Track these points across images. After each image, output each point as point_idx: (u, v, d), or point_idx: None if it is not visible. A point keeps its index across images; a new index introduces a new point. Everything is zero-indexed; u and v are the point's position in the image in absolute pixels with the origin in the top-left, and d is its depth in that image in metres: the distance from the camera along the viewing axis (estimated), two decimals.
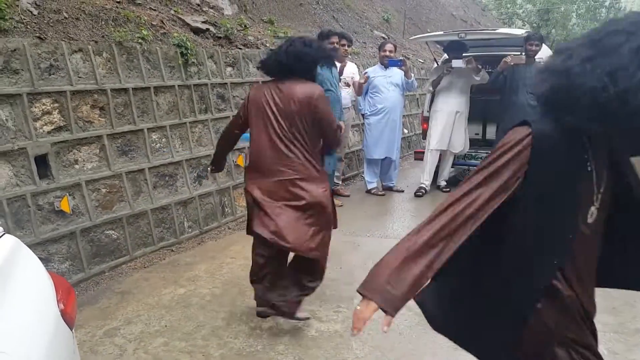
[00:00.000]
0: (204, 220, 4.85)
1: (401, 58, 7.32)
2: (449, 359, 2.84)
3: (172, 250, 4.45)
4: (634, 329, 3.25)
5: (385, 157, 6.36)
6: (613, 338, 3.12)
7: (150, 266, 4.15)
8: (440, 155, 6.50)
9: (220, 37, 5.64)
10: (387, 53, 6.17)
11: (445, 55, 6.81)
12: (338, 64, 5.78)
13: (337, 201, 5.88)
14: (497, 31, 7.18)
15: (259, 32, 6.70)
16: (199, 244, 4.62)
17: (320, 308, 3.41)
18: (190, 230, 4.71)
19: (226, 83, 5.33)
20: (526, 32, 6.42)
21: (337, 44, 5.43)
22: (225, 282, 3.79)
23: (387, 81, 6.21)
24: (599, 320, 3.23)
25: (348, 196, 6.27)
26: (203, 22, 5.66)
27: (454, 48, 6.36)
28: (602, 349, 2.91)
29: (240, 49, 5.72)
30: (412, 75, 6.46)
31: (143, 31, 4.61)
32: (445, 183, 6.70)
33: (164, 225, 4.50)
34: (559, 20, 42.26)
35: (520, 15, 43.07)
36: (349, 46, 6.05)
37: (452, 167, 6.78)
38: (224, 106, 5.28)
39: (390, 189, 6.51)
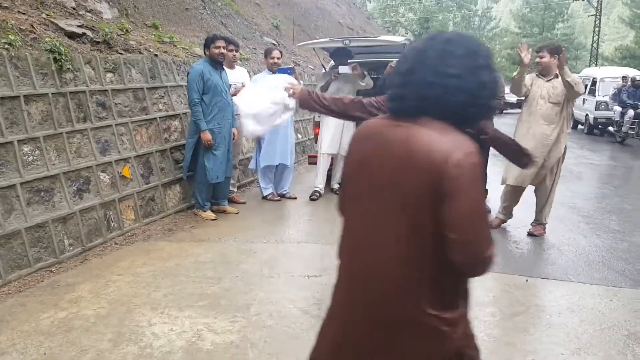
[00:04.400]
0: (87, 237, 4.53)
1: (290, 66, 7.39)
2: None
3: (52, 271, 4.10)
4: (510, 314, 3.52)
5: (279, 164, 6.36)
6: (492, 323, 3.36)
7: (27, 290, 3.79)
8: (332, 158, 6.65)
9: (98, 42, 5.32)
10: (275, 60, 6.19)
11: (333, 62, 6.98)
12: (228, 70, 5.71)
13: (232, 209, 5.81)
14: (378, 38, 7.51)
15: (142, 36, 6.42)
16: (82, 263, 4.30)
17: (215, 320, 3.31)
18: (71, 248, 4.37)
19: (107, 90, 5.03)
20: (406, 39, 6.76)
21: (223, 48, 5.35)
22: (111, 302, 3.56)
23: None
24: (480, 308, 3.47)
25: (244, 203, 6.20)
26: (79, 26, 5.31)
27: (340, 54, 6.55)
28: (482, 335, 3.13)
29: (121, 54, 5.44)
30: (301, 82, 6.54)
31: (10, 36, 4.22)
32: (338, 186, 6.83)
33: (41, 244, 4.14)
34: (437, 28, 45.34)
35: (403, 23, 45.63)
36: (236, 51, 6.00)
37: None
38: (105, 114, 4.98)
39: (283, 196, 6.51)
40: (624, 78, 13.54)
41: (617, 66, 24.29)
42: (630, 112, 12.32)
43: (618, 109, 12.86)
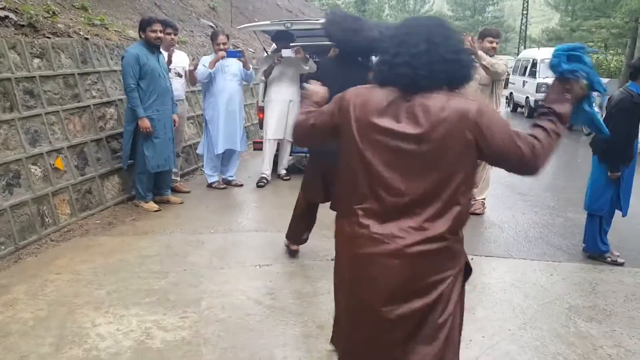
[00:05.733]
0: (19, 234, 4.24)
1: (240, 49, 7.19)
2: (299, 348, 2.86)
3: None
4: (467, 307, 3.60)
5: (226, 149, 6.20)
6: None
7: None
8: (278, 144, 6.56)
9: (23, 26, 4.94)
10: (221, 46, 5.98)
11: (275, 45, 6.85)
12: (165, 53, 5.48)
13: (176, 199, 5.62)
14: (320, 21, 7.40)
15: (71, 19, 6.03)
16: (16, 262, 4.03)
17: (164, 316, 3.19)
18: (2, 247, 4.08)
19: (34, 77, 4.69)
20: None
21: (160, 32, 5.12)
22: (51, 303, 3.35)
23: (225, 71, 6.04)
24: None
25: (188, 192, 6.01)
26: (0, 8, 4.91)
27: (282, 38, 6.42)
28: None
29: (48, 38, 5.08)
30: (251, 66, 6.38)
31: None
32: (285, 171, 6.77)
33: None
34: (374, 11, 45.65)
35: (340, 6, 45.61)
36: (174, 34, 5.77)
37: (290, 155, 6.88)
38: (34, 103, 4.65)
39: (229, 183, 6.37)
40: None
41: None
42: None
43: None
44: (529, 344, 2.93)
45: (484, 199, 5.39)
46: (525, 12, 38.08)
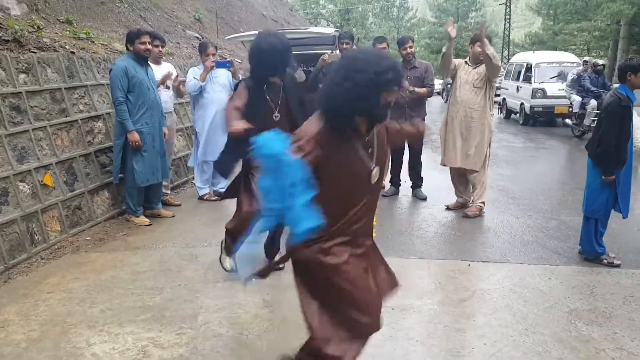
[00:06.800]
0: (8, 253, 4.14)
1: (229, 59, 7.16)
2: None
3: None
4: (457, 300, 3.58)
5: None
6: (441, 311, 3.40)
7: None
8: None
9: (8, 41, 4.87)
10: (212, 57, 5.92)
11: None
12: (154, 66, 5.43)
13: (168, 212, 5.54)
14: (308, 30, 7.43)
15: (56, 33, 5.96)
16: (6, 282, 3.93)
17: (160, 333, 3.12)
18: None
19: (20, 92, 4.61)
20: (336, 30, 6.72)
21: (149, 43, 5.07)
22: (43, 323, 3.27)
23: (214, 82, 5.99)
24: (429, 296, 3.51)
25: (179, 205, 5.93)
26: None
27: None
28: (433, 323, 3.16)
29: (34, 52, 5.01)
30: (240, 76, 6.34)
31: None
32: None
33: None
34: (358, 19, 45.95)
35: (324, 15, 45.86)
36: (162, 47, 5.72)
37: None
38: (21, 119, 4.57)
39: (220, 195, 6.30)
40: (585, 63, 11.64)
41: (551, 51, 21.98)
42: (593, 103, 10.43)
43: (577, 98, 11.02)
44: (532, 350, 2.91)
45: (483, 202, 5.41)
46: (507, 17, 38.57)
